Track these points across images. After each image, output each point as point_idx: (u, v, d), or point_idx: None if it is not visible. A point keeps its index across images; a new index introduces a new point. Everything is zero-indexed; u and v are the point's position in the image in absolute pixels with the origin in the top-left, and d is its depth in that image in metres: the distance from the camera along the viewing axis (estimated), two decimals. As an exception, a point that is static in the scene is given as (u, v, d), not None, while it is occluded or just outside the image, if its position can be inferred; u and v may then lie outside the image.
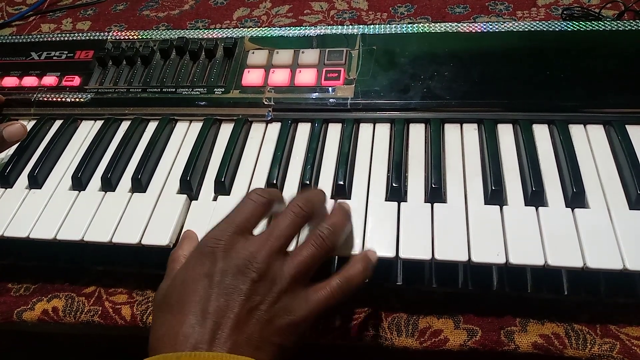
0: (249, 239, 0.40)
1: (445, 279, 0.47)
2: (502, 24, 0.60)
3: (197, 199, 0.52)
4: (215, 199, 0.51)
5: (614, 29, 0.58)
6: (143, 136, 0.59)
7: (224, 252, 0.39)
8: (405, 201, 0.48)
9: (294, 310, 0.39)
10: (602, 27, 0.58)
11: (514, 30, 0.59)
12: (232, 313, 0.37)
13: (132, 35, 0.67)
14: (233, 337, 0.36)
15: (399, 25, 0.62)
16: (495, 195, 0.47)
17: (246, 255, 0.39)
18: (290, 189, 0.51)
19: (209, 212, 0.50)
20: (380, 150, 0.53)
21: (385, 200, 0.49)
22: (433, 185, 0.48)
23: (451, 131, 0.54)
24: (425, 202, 0.48)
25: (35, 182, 0.55)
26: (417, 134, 0.55)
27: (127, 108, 0.61)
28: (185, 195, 0.52)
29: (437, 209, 0.47)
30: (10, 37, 0.72)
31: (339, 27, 0.64)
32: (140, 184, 0.53)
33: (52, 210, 0.52)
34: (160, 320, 0.39)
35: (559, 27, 0.59)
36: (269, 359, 0.37)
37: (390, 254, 0.45)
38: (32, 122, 0.63)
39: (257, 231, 0.42)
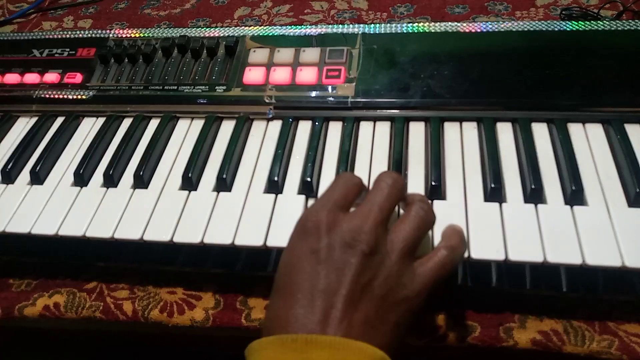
0: (349, 214, 0.39)
1: (445, 275, 0.48)
2: (501, 24, 0.60)
3: (198, 196, 0.52)
4: (216, 195, 0.52)
5: (612, 28, 0.58)
6: (145, 133, 0.59)
7: (328, 227, 0.37)
8: (406, 198, 0.49)
9: (407, 285, 0.37)
10: (601, 27, 0.58)
11: (513, 30, 0.60)
12: (345, 289, 0.35)
13: (134, 34, 0.68)
14: (348, 316, 0.34)
15: (399, 25, 0.62)
16: (494, 192, 0.47)
17: (352, 227, 0.37)
18: (291, 187, 0.51)
19: (210, 209, 0.50)
20: (381, 148, 0.54)
21: (386, 197, 0.49)
22: (433, 183, 0.49)
23: (451, 129, 0.54)
24: (425, 199, 0.49)
25: (37, 178, 0.55)
26: (417, 132, 0.55)
27: (129, 105, 0.61)
28: (187, 192, 0.52)
29: (436, 206, 0.47)
30: (11, 35, 0.72)
31: (340, 26, 0.64)
32: (142, 181, 0.53)
33: (54, 206, 0.53)
34: (271, 304, 0.38)
35: (557, 27, 0.59)
36: (386, 339, 0.35)
37: (391, 250, 0.45)
38: (34, 119, 0.63)
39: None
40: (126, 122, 0.61)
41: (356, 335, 0.34)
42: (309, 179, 0.51)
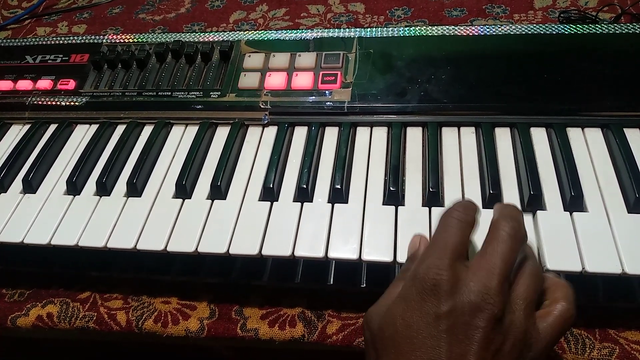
0: (470, 267, 0.35)
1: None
2: (499, 27, 0.60)
3: (192, 204, 0.51)
4: (211, 203, 0.51)
5: (610, 32, 0.57)
6: (138, 140, 0.59)
7: (450, 286, 0.34)
8: (403, 205, 0.48)
9: (533, 346, 0.34)
10: (599, 30, 0.58)
11: (511, 33, 0.59)
12: (475, 358, 0.32)
13: (128, 39, 0.67)
14: None
15: (395, 29, 0.62)
16: (493, 198, 0.47)
17: (479, 288, 0.33)
18: (287, 194, 0.51)
19: (204, 217, 0.49)
20: (378, 153, 0.53)
21: (383, 204, 0.49)
22: (431, 189, 0.48)
23: (448, 135, 0.54)
24: (422, 206, 0.48)
25: (30, 186, 0.55)
26: (414, 137, 0.54)
27: (123, 112, 0.61)
28: (181, 200, 0.51)
29: (434, 212, 0.47)
30: (5, 41, 0.72)
31: (336, 30, 0.63)
32: (135, 189, 0.53)
33: (47, 215, 0.52)
34: None
35: (556, 30, 0.58)
36: None
37: (388, 258, 0.44)
38: (27, 126, 0.62)
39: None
40: (119, 129, 0.60)
41: None
42: (305, 186, 0.50)
